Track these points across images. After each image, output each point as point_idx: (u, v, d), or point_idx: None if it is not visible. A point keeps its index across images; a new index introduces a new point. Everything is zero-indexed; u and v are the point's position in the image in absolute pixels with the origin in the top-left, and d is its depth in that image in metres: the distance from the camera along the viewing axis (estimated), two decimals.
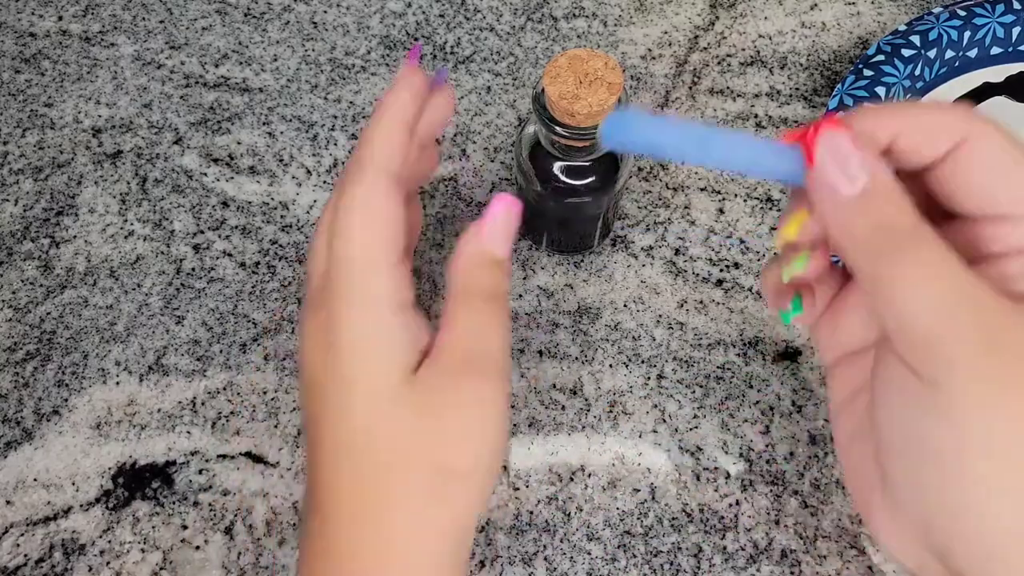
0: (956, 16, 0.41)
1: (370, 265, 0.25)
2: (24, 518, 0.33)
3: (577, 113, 0.29)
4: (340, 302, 0.25)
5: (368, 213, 0.25)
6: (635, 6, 0.47)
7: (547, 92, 0.29)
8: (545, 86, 0.29)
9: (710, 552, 0.33)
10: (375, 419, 0.24)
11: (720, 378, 0.36)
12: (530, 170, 0.34)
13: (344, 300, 0.25)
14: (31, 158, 0.42)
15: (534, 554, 0.33)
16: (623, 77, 0.29)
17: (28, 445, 0.35)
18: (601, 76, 0.29)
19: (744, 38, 0.46)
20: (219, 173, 0.41)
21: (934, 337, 0.20)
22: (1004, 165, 0.22)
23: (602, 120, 0.25)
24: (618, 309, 0.38)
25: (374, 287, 0.25)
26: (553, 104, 0.29)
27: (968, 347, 0.20)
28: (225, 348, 0.37)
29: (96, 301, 0.38)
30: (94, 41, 0.46)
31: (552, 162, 0.33)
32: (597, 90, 0.29)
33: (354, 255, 0.25)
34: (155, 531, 0.33)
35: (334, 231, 0.25)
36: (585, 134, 0.30)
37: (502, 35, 0.46)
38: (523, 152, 0.34)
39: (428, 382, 0.25)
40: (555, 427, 0.35)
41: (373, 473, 0.24)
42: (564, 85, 0.29)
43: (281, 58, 0.45)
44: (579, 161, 0.33)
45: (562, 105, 0.29)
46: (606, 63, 0.29)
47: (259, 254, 0.39)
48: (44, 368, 0.36)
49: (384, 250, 0.25)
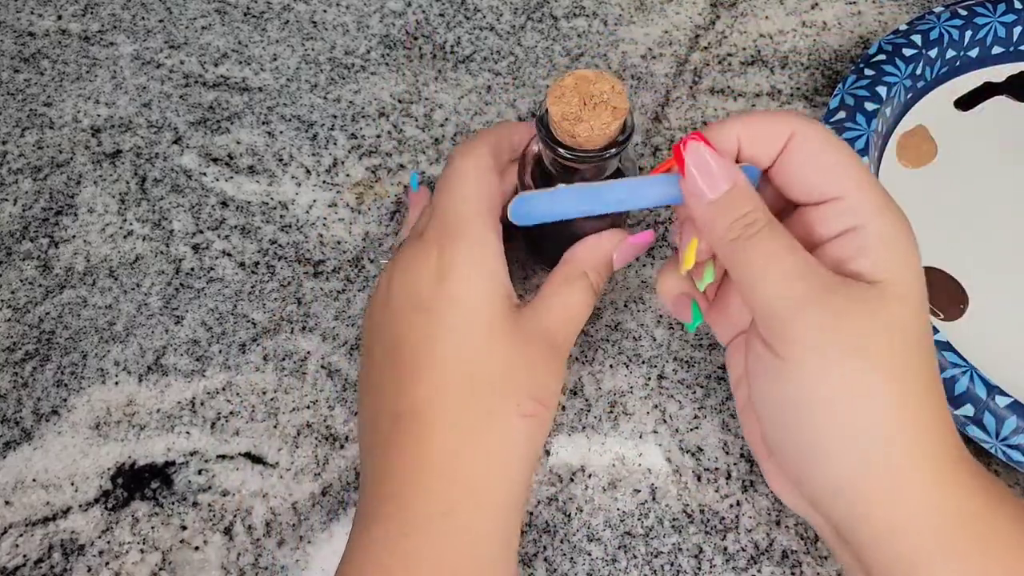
0: (957, 15, 0.41)
1: (481, 217, 0.29)
2: (23, 518, 0.33)
3: (578, 135, 0.28)
4: (457, 240, 0.29)
5: (478, 172, 0.30)
6: (635, 5, 0.47)
7: (550, 112, 0.28)
8: (548, 106, 0.28)
9: (711, 553, 0.32)
10: (487, 336, 0.28)
11: (721, 378, 0.36)
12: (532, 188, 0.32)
13: (462, 239, 0.29)
14: (30, 158, 0.42)
15: (534, 555, 0.32)
16: (629, 103, 0.28)
17: (27, 445, 0.35)
18: (606, 100, 0.28)
19: (745, 37, 0.46)
20: (218, 173, 0.41)
21: (778, 318, 0.25)
22: (824, 152, 0.25)
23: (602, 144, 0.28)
24: (618, 309, 0.38)
25: (485, 234, 0.29)
26: (555, 124, 0.28)
27: (804, 325, 0.24)
28: (224, 348, 0.37)
29: (95, 301, 0.38)
30: (93, 40, 0.46)
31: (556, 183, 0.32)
32: (601, 113, 0.28)
33: (469, 208, 0.29)
34: (154, 531, 0.33)
35: (446, 191, 0.30)
36: (587, 158, 0.29)
37: (502, 34, 0.46)
38: (527, 171, 0.33)
39: (525, 319, 0.29)
40: (555, 427, 0.35)
41: (482, 387, 0.28)
42: (567, 106, 0.28)
43: (281, 57, 0.45)
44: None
45: (564, 126, 0.28)
46: (613, 87, 0.28)
47: (258, 254, 0.39)
48: (43, 368, 0.36)
49: (492, 209, 0.30)
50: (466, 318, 0.28)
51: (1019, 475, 0.34)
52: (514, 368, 0.28)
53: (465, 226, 0.29)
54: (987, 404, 0.31)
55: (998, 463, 0.34)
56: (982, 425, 0.32)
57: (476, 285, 0.28)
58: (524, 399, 0.28)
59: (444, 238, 0.29)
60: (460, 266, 0.28)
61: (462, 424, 0.27)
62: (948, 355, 0.32)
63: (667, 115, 0.43)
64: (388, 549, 0.26)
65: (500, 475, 0.27)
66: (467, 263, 0.28)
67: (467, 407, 0.27)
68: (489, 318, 0.28)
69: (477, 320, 0.28)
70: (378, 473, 0.28)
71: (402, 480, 0.27)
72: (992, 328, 0.36)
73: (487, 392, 0.28)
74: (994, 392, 0.32)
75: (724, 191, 0.25)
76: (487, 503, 0.27)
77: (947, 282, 0.37)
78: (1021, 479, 0.34)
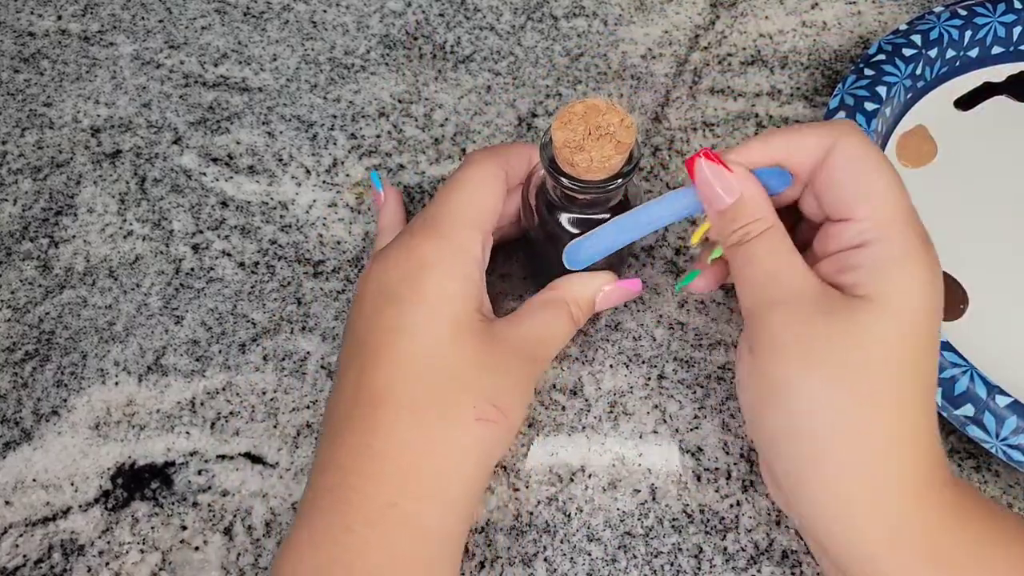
0: (957, 15, 0.41)
1: (469, 225, 0.30)
2: (23, 518, 0.33)
3: (577, 164, 0.27)
4: (441, 238, 0.29)
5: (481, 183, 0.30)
6: (635, 5, 0.47)
7: (554, 137, 0.27)
8: (553, 131, 0.27)
9: (711, 553, 0.32)
10: (453, 334, 0.28)
11: (721, 378, 0.36)
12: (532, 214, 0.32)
13: (443, 240, 0.29)
14: (30, 158, 0.42)
15: (534, 555, 0.32)
16: (635, 138, 0.28)
17: (27, 445, 0.35)
18: (612, 132, 0.27)
19: (745, 37, 0.46)
20: (218, 173, 0.41)
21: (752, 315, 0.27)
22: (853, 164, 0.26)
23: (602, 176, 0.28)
24: (618, 309, 0.38)
25: (467, 241, 0.30)
26: (557, 151, 0.28)
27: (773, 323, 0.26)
28: (224, 348, 0.37)
29: (95, 301, 0.38)
30: (93, 40, 0.46)
31: (559, 213, 0.31)
32: (604, 145, 0.27)
33: (460, 214, 0.30)
34: (154, 532, 0.33)
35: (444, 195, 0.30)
36: (587, 188, 0.28)
37: (502, 34, 0.46)
38: (532, 192, 0.32)
39: (496, 328, 0.30)
40: (555, 427, 0.35)
41: (440, 382, 0.28)
42: (572, 133, 0.27)
43: (280, 57, 0.45)
44: (582, 214, 0.31)
45: (564, 153, 0.27)
46: (622, 120, 0.27)
47: (258, 254, 0.39)
48: (43, 368, 0.36)
49: (483, 222, 0.30)
50: (432, 314, 0.28)
51: (1019, 475, 0.34)
52: (475, 369, 0.28)
53: (449, 230, 0.29)
54: (987, 404, 0.31)
55: (998, 463, 0.34)
56: (982, 425, 0.32)
57: (448, 285, 0.29)
58: (481, 402, 0.28)
59: (427, 238, 0.29)
60: (435, 264, 0.29)
61: (415, 416, 0.27)
62: (948, 355, 0.32)
63: (667, 115, 0.43)
64: (331, 539, 0.26)
65: (450, 471, 0.28)
66: (443, 263, 0.29)
67: (421, 400, 0.28)
68: (456, 317, 0.29)
69: (443, 316, 0.28)
70: (327, 460, 0.28)
71: (350, 468, 0.27)
72: (992, 328, 0.36)
73: (443, 388, 0.28)
74: (994, 392, 0.32)
75: (728, 204, 0.27)
76: (434, 497, 0.27)
77: (947, 282, 0.37)
78: (1021, 479, 0.34)
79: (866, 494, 0.25)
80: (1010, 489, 0.34)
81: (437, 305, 0.28)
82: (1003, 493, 0.34)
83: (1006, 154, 0.41)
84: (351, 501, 0.26)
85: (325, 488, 0.27)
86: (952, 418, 0.32)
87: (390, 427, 0.27)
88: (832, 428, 0.25)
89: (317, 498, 0.27)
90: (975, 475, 0.34)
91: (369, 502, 0.26)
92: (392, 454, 0.27)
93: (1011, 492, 0.34)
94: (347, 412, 0.28)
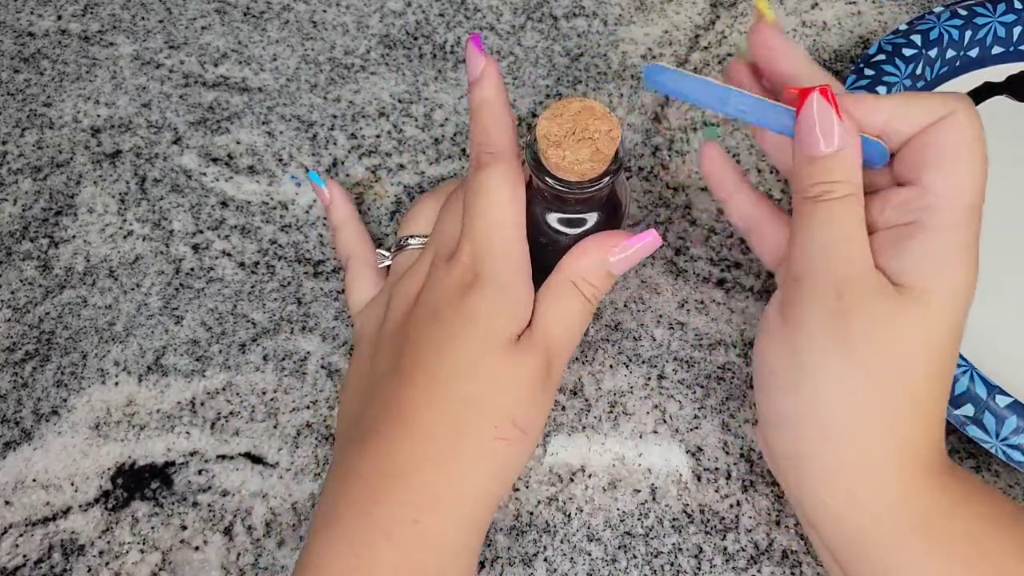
0: (957, 15, 0.41)
1: (514, 235, 0.29)
2: (23, 518, 0.33)
3: (548, 159, 0.27)
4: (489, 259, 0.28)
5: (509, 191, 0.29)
6: (635, 5, 0.47)
7: (537, 125, 0.27)
8: (541, 118, 0.27)
9: (711, 553, 0.32)
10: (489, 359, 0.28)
11: (721, 378, 0.36)
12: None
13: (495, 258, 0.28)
14: (30, 158, 0.42)
15: (534, 555, 0.32)
16: (616, 150, 0.27)
17: (27, 445, 0.35)
18: (595, 139, 0.27)
19: (745, 37, 0.46)
20: (218, 173, 0.41)
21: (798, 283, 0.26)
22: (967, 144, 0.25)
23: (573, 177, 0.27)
24: (618, 309, 0.38)
25: (518, 254, 0.29)
26: (537, 139, 0.27)
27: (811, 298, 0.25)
28: (224, 348, 0.37)
29: (95, 301, 0.38)
30: (93, 40, 0.46)
31: (546, 213, 0.30)
32: (581, 149, 0.27)
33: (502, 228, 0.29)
34: (154, 532, 0.33)
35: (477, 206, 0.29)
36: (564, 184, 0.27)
37: (502, 34, 0.46)
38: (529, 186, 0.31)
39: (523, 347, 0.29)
40: (555, 427, 0.35)
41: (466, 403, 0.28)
42: (556, 127, 0.27)
43: (280, 57, 0.45)
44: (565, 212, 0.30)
45: (541, 144, 0.27)
46: (610, 131, 0.27)
47: (258, 254, 0.39)
48: (43, 368, 0.36)
49: (521, 224, 0.29)
50: (474, 335, 0.28)
51: (1019, 475, 0.34)
52: (503, 392, 0.28)
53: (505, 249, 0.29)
54: (987, 404, 0.31)
55: (998, 463, 0.34)
56: (982, 425, 0.32)
57: (495, 307, 0.28)
58: (504, 423, 0.28)
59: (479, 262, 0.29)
60: (486, 286, 0.28)
61: (437, 433, 0.27)
62: None
63: (667, 115, 0.43)
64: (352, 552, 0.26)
65: (471, 490, 0.28)
66: (493, 285, 0.28)
67: (446, 418, 0.28)
68: (495, 340, 0.28)
69: (484, 339, 0.28)
70: (348, 467, 0.28)
71: (373, 483, 0.27)
72: (992, 328, 0.36)
73: (470, 409, 0.28)
74: (994, 392, 0.32)
75: (824, 153, 0.25)
76: (455, 515, 0.27)
77: None
78: (1021, 479, 0.34)
79: (866, 472, 0.25)
80: (1010, 489, 0.34)
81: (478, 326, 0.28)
82: (1003, 493, 0.34)
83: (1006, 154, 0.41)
84: (373, 514, 0.26)
85: (345, 497, 0.27)
86: (952, 418, 0.32)
87: (411, 444, 0.27)
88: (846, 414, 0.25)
89: (338, 505, 0.27)
90: (975, 475, 0.34)
91: (391, 517, 0.26)
92: (416, 471, 0.27)
93: (1011, 492, 0.34)
94: (372, 423, 0.28)
